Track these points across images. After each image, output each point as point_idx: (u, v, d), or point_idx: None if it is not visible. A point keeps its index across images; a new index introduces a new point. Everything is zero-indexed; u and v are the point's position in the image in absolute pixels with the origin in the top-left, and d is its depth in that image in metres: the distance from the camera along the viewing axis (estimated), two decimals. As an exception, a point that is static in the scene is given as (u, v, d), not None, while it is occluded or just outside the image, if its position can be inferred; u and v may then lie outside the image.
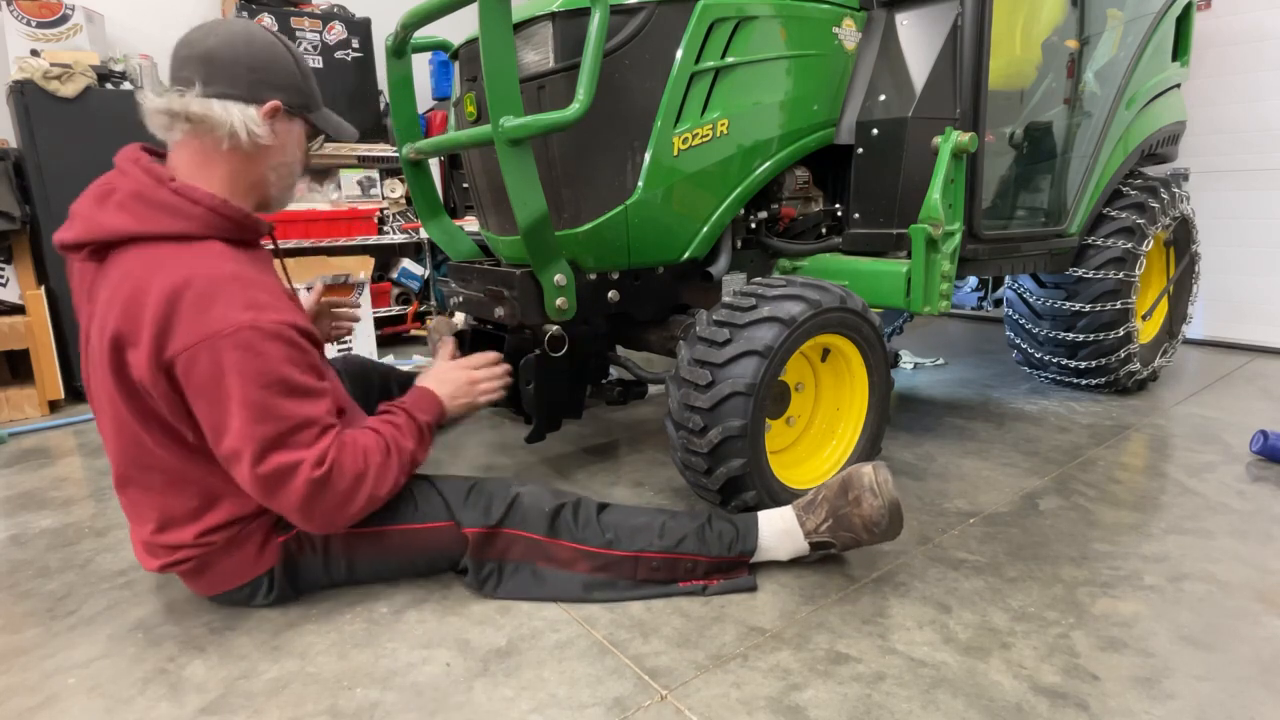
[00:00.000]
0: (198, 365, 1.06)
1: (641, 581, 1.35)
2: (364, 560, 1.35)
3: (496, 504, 1.33)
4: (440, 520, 1.32)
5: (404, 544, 1.33)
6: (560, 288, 1.62)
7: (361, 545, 1.33)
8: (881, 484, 1.33)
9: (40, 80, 2.73)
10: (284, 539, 1.29)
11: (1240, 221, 3.27)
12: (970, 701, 1.07)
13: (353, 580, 1.39)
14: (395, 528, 1.31)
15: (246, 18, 3.28)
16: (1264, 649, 1.19)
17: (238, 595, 1.32)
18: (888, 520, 1.33)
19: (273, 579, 1.31)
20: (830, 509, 1.37)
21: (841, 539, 1.37)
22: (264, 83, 1.18)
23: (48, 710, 1.12)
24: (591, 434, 2.34)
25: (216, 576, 1.29)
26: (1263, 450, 1.97)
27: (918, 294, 1.77)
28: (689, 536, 1.35)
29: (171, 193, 1.13)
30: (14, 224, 2.73)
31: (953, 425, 2.33)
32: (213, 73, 1.15)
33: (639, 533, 1.34)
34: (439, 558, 1.37)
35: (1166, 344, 2.74)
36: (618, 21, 1.61)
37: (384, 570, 1.39)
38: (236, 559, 1.27)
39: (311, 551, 1.32)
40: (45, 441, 2.50)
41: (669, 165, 1.70)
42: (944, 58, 1.87)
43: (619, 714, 1.07)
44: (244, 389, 1.07)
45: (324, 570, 1.35)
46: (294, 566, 1.32)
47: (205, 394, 1.08)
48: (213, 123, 1.15)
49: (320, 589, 1.40)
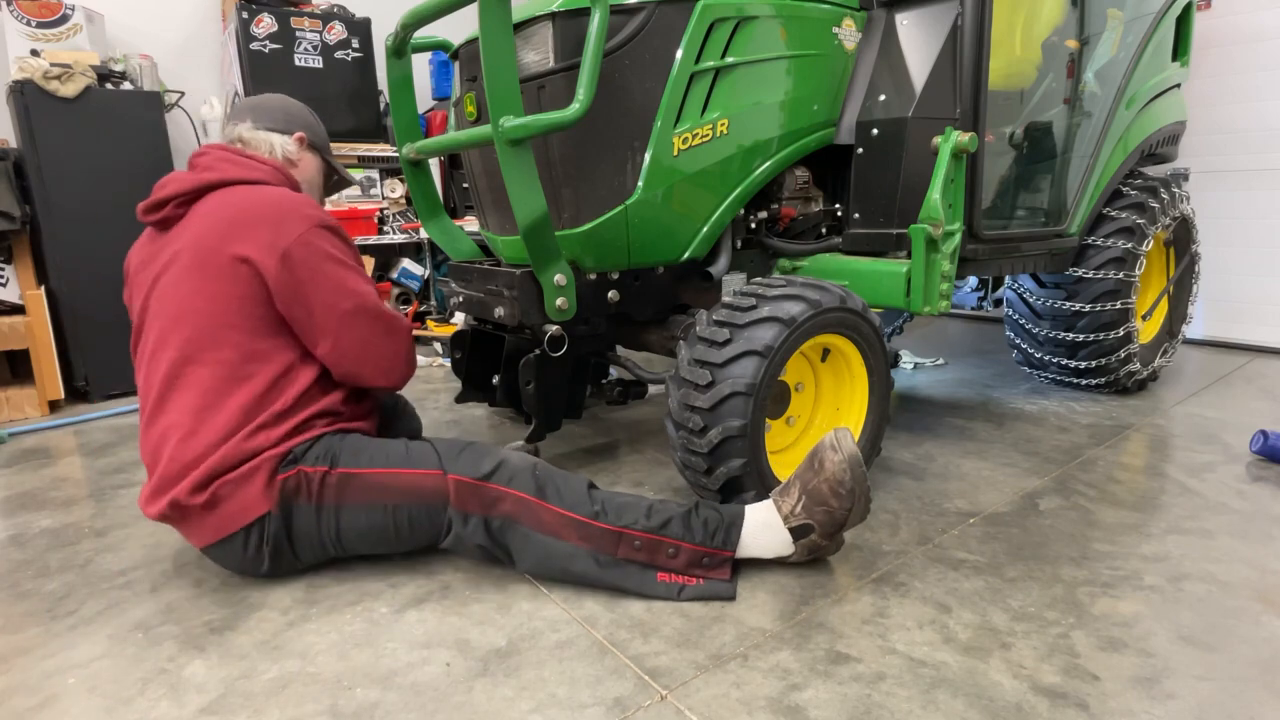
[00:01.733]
0: (305, 247, 1.39)
1: (622, 560, 1.34)
2: (353, 511, 1.38)
3: (486, 461, 1.39)
4: (429, 468, 1.38)
5: (392, 486, 1.38)
6: (560, 288, 1.62)
7: (352, 489, 1.37)
8: (840, 439, 1.36)
9: (40, 80, 2.73)
10: (284, 477, 1.35)
11: (1240, 221, 3.27)
12: (970, 701, 1.07)
13: (339, 542, 1.41)
14: (385, 470, 1.38)
15: (246, 18, 3.28)
16: (1264, 649, 1.19)
17: (234, 550, 1.36)
18: (850, 476, 1.33)
19: (267, 525, 1.36)
20: (801, 485, 1.37)
21: (818, 517, 1.36)
22: (294, 122, 1.63)
23: (48, 710, 1.12)
24: (591, 434, 2.35)
25: (223, 515, 1.34)
26: (1263, 450, 1.97)
27: (918, 294, 1.77)
28: (674, 520, 1.36)
29: (237, 154, 1.53)
30: (14, 224, 2.73)
31: (953, 425, 2.33)
32: (259, 115, 1.60)
33: (626, 509, 1.36)
34: (423, 513, 1.38)
35: (1166, 344, 2.74)
36: (618, 21, 1.61)
37: (372, 525, 1.39)
38: (243, 494, 1.33)
39: (306, 497, 1.36)
40: (45, 441, 2.50)
41: (669, 165, 1.70)
42: (944, 58, 1.87)
43: (619, 714, 1.07)
44: (340, 258, 1.44)
45: (315, 521, 1.38)
46: (289, 512, 1.37)
47: (313, 271, 1.39)
48: (258, 143, 1.59)
49: (313, 553, 1.41)
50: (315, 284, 1.39)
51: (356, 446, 1.41)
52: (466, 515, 1.36)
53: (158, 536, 1.69)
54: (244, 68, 3.30)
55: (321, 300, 1.40)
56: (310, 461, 1.37)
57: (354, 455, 1.39)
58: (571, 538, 1.34)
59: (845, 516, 1.36)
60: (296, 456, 1.37)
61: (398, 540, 1.42)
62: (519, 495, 1.35)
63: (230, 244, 1.36)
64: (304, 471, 1.36)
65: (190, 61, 3.69)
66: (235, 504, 1.34)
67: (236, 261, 1.36)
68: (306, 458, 1.37)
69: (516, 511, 1.35)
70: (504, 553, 1.38)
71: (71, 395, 2.97)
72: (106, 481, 2.08)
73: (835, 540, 1.41)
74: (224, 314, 1.37)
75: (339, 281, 1.41)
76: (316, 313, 1.40)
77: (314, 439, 1.39)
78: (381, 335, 1.47)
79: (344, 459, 1.38)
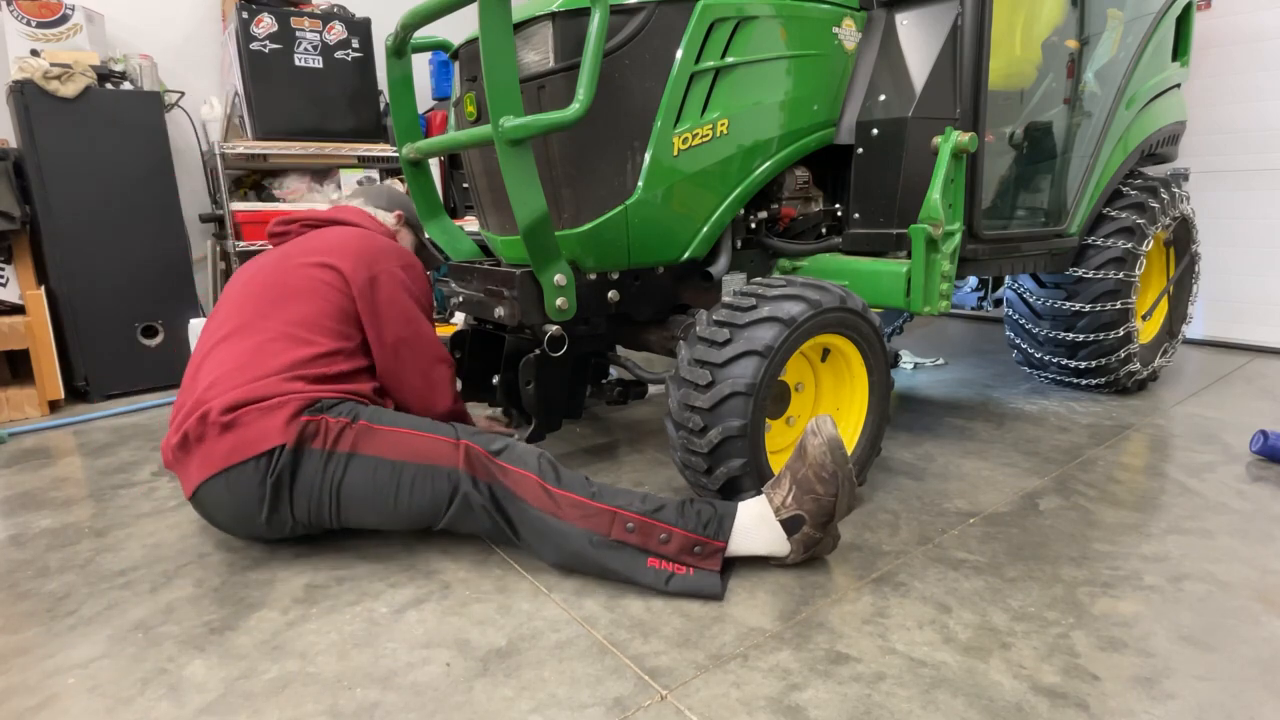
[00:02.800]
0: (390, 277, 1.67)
1: (615, 541, 1.36)
2: (360, 460, 1.44)
3: (496, 442, 1.49)
4: (445, 435, 1.48)
5: (406, 445, 1.46)
6: (560, 288, 1.62)
7: (367, 439, 1.45)
8: (819, 424, 1.38)
9: (40, 80, 2.73)
10: (306, 419, 1.44)
11: (1240, 221, 3.27)
12: (970, 701, 1.07)
13: (338, 497, 1.44)
14: (403, 429, 1.48)
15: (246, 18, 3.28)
16: (1264, 649, 1.19)
17: (240, 478, 1.41)
18: (830, 459, 1.35)
19: (276, 459, 1.41)
20: (791, 475, 1.39)
21: (808, 506, 1.36)
22: (395, 203, 2.05)
23: (48, 710, 1.12)
24: (591, 434, 2.35)
25: (237, 439, 1.41)
26: (1263, 450, 1.97)
27: (918, 294, 1.77)
28: (668, 506, 1.39)
29: (368, 216, 1.93)
30: (14, 224, 2.73)
31: (953, 425, 2.33)
32: (370, 196, 2.03)
33: (620, 494, 1.42)
34: (429, 480, 1.43)
35: (1166, 344, 2.74)
36: (618, 21, 1.61)
37: (375, 486, 1.43)
38: (264, 423, 1.41)
39: (321, 440, 1.44)
40: (45, 441, 2.50)
41: (669, 165, 1.70)
42: (944, 58, 1.87)
43: (619, 714, 1.07)
44: (412, 293, 1.71)
45: (322, 469, 1.43)
46: (300, 453, 1.43)
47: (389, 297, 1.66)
48: (374, 215, 1.95)
49: (309, 511, 1.44)
50: (389, 306, 1.65)
51: (379, 411, 1.53)
52: (475, 479, 1.43)
53: (158, 536, 1.69)
54: (244, 68, 3.30)
55: (390, 319, 1.65)
56: (335, 414, 1.47)
57: (376, 415, 1.51)
58: (568, 516, 1.38)
59: (833, 504, 1.37)
60: (325, 407, 1.47)
61: (395, 508, 1.44)
62: (522, 473, 1.43)
63: (335, 257, 1.65)
64: (326, 420, 1.45)
65: (190, 61, 3.69)
66: (254, 430, 1.41)
67: (333, 269, 1.63)
68: (333, 410, 1.47)
69: (519, 488, 1.42)
70: (505, 521, 1.43)
71: (71, 395, 2.97)
72: (106, 481, 2.08)
73: (829, 533, 1.41)
74: (308, 292, 1.60)
75: (405, 311, 1.67)
76: (383, 329, 1.65)
77: (342, 398, 1.51)
78: (424, 366, 1.72)
79: (366, 415, 1.49)
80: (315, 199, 3.65)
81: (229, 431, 1.42)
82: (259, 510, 1.43)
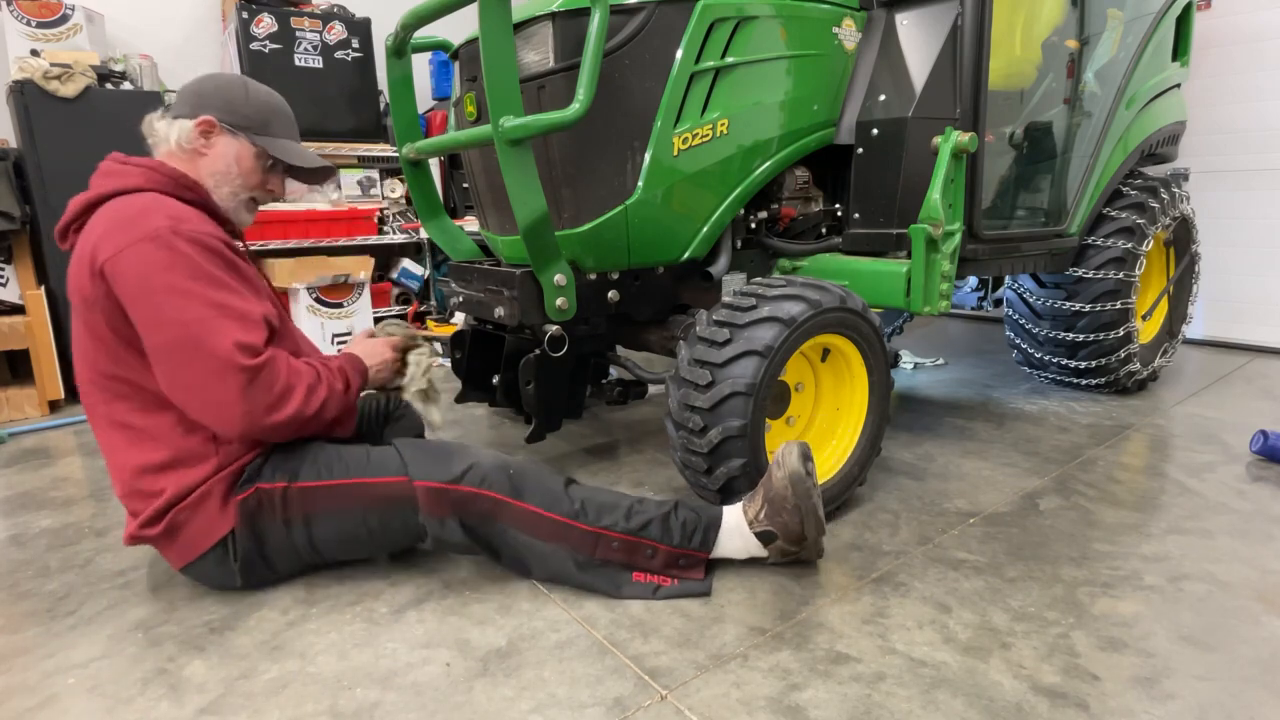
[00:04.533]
0: (122, 265, 1.20)
1: (600, 561, 1.35)
2: (322, 520, 1.34)
3: (456, 463, 1.33)
4: (393, 475, 1.33)
5: (358, 497, 1.33)
6: (560, 288, 1.62)
7: (317, 501, 1.33)
8: (783, 455, 1.34)
9: (40, 80, 2.73)
10: (241, 498, 1.31)
11: (1240, 221, 3.27)
12: (970, 701, 1.07)
13: (316, 551, 1.38)
14: (348, 480, 1.33)
15: (246, 18, 3.28)
16: (1264, 649, 1.19)
17: (209, 567, 1.34)
18: (791, 493, 1.32)
19: (235, 542, 1.32)
20: (764, 493, 1.38)
21: (778, 525, 1.36)
22: (203, 104, 1.39)
23: (48, 710, 1.12)
24: (591, 434, 2.34)
25: (186, 540, 1.31)
26: (1263, 450, 1.97)
27: (918, 294, 1.77)
28: (654, 522, 1.35)
29: (119, 164, 1.35)
30: (14, 224, 2.73)
31: (953, 425, 2.33)
32: (177, 102, 1.41)
33: (606, 510, 1.35)
34: (394, 518, 1.35)
35: (1166, 344, 2.74)
36: (618, 21, 1.61)
37: (344, 533, 1.36)
38: (199, 520, 1.30)
39: (270, 513, 1.32)
40: (45, 441, 2.50)
41: (669, 165, 1.70)
42: (944, 58, 1.87)
43: (619, 714, 1.07)
44: (167, 279, 1.20)
45: (286, 534, 1.35)
46: (257, 529, 1.33)
47: (132, 291, 1.21)
48: (159, 134, 1.40)
49: (291, 563, 1.40)
50: (136, 300, 1.20)
51: (315, 456, 1.35)
52: (441, 520, 1.32)
53: (158, 536, 1.69)
54: (244, 68, 3.30)
55: (144, 318, 1.21)
56: (267, 477, 1.32)
57: (313, 466, 1.34)
58: (549, 538, 1.33)
59: (800, 529, 1.36)
60: (251, 475, 1.31)
61: (374, 545, 1.41)
62: (493, 496, 1.32)
63: (74, 268, 1.25)
64: (262, 489, 1.31)
65: (190, 61, 3.68)
66: (192, 529, 1.30)
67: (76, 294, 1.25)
68: (262, 473, 1.32)
69: (493, 510, 1.33)
70: (485, 547, 1.37)
71: (71, 395, 2.97)
72: (106, 481, 2.08)
73: (807, 547, 1.40)
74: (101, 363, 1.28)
75: (161, 299, 1.20)
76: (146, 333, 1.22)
77: (265, 453, 1.33)
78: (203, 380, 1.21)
79: (304, 471, 1.33)
80: (315, 199, 3.65)
81: (168, 537, 1.31)
82: (235, 580, 1.37)
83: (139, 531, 1.31)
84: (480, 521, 1.33)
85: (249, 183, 1.43)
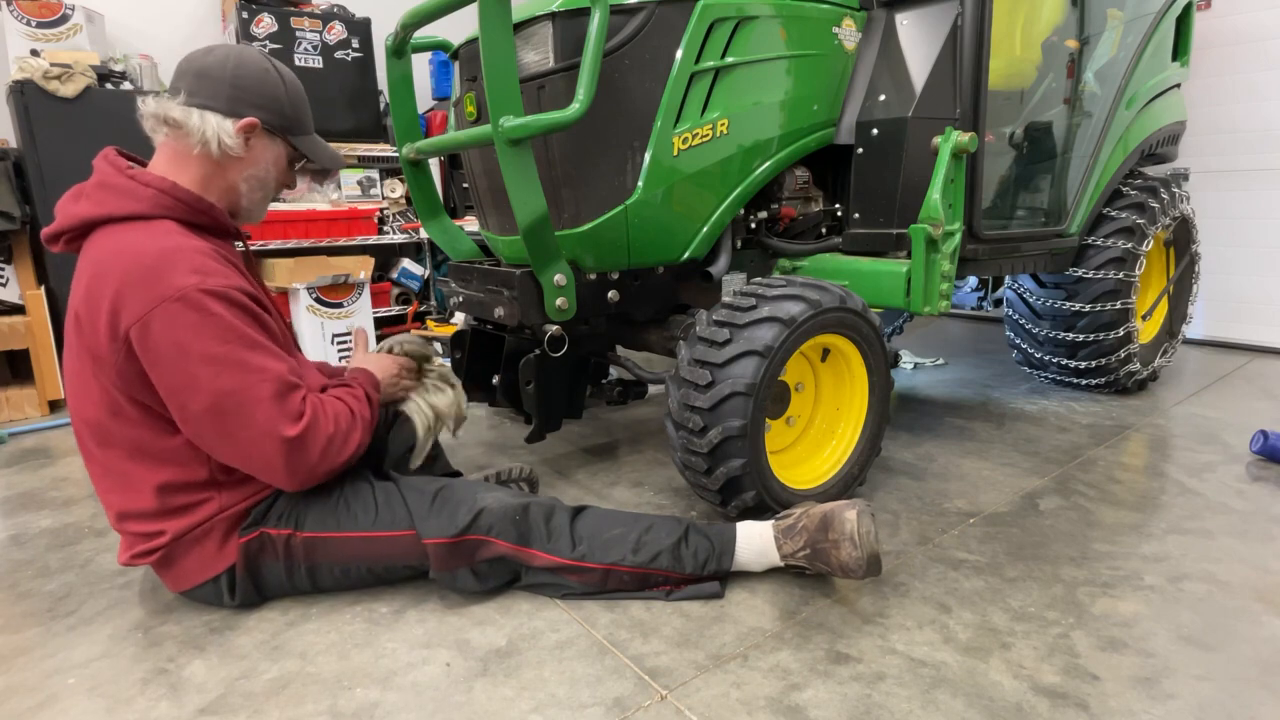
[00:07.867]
0: (151, 331, 1.12)
1: (613, 590, 1.36)
2: (325, 567, 1.34)
3: (462, 512, 1.31)
4: (401, 529, 1.31)
5: (365, 552, 1.33)
6: (560, 288, 1.62)
7: (322, 551, 1.32)
8: (863, 536, 1.28)
9: (40, 80, 2.73)
10: (245, 540, 1.29)
11: (1240, 221, 3.27)
12: (970, 701, 1.07)
13: (317, 588, 1.38)
14: (356, 534, 1.31)
15: (246, 18, 3.28)
16: (1264, 649, 1.19)
17: (204, 593, 1.33)
18: (865, 570, 1.29)
19: (234, 579, 1.31)
20: (809, 539, 1.34)
21: (816, 568, 1.36)
22: (244, 100, 1.27)
23: (48, 710, 1.12)
24: (591, 434, 2.34)
25: (181, 571, 1.30)
26: (1263, 450, 1.97)
27: (918, 294, 1.77)
28: (664, 553, 1.34)
29: (126, 178, 1.22)
30: (14, 224, 2.74)
31: (953, 425, 2.33)
32: (199, 85, 1.25)
33: (612, 545, 1.34)
34: (400, 568, 1.36)
35: (1166, 344, 2.74)
36: (618, 21, 1.61)
37: (346, 579, 1.37)
38: (197, 554, 1.28)
39: (273, 557, 1.31)
40: (45, 441, 2.50)
41: (669, 165, 1.70)
42: (944, 58, 1.87)
43: (619, 714, 1.07)
44: (201, 345, 1.14)
45: (287, 577, 1.34)
46: (256, 570, 1.32)
47: (163, 358, 1.14)
48: (189, 128, 1.24)
49: (288, 595, 1.39)
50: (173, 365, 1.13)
51: (322, 502, 1.31)
52: (453, 573, 1.32)
53: (158, 536, 1.69)
54: (244, 68, 3.30)
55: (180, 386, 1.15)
56: (273, 522, 1.30)
57: (320, 517, 1.31)
58: (559, 573, 1.34)
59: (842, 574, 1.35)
60: (256, 518, 1.29)
61: (377, 581, 1.40)
62: (501, 544, 1.31)
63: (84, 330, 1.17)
64: (267, 534, 1.29)
65: (190, 61, 3.68)
66: (190, 561, 1.29)
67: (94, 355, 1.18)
68: (268, 518, 1.30)
69: (503, 553, 1.32)
70: (499, 580, 1.37)
71: (71, 395, 2.97)
72: (106, 481, 2.08)
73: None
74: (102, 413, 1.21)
75: (196, 364, 1.14)
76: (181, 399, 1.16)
77: (271, 497, 1.31)
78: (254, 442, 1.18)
79: (309, 521, 1.30)
80: (315, 199, 3.65)
81: (163, 565, 1.30)
82: (237, 605, 1.35)
83: (131, 562, 1.30)
84: (490, 567, 1.34)
85: (280, 183, 1.39)
